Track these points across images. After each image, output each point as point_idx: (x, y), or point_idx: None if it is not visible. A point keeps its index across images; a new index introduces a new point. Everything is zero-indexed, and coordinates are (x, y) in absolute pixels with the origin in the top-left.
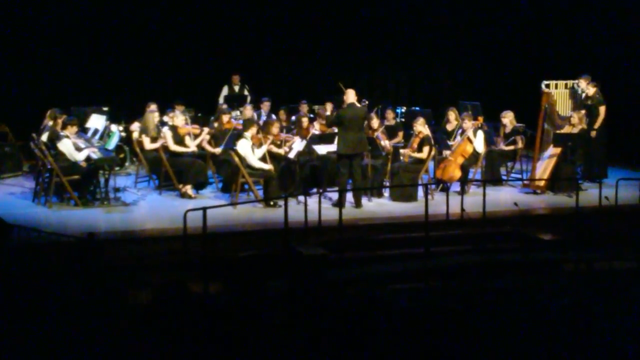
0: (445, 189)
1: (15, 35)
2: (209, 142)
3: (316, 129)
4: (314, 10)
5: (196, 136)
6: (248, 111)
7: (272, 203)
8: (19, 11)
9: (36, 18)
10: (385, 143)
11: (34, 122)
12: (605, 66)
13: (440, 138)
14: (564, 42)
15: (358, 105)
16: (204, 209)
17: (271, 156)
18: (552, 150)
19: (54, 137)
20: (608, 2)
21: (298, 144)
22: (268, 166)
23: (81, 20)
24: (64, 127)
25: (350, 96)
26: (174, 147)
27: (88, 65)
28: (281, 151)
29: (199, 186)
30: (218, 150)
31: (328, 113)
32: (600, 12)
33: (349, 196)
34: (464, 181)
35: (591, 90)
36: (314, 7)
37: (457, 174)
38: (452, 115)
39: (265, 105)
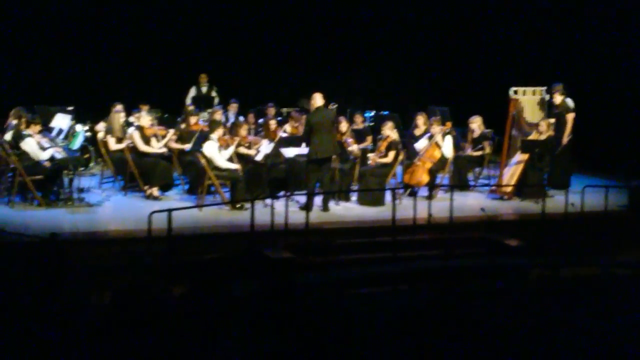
0: (413, 194)
1: None
2: (176, 142)
3: (287, 131)
4: (283, 12)
5: (163, 137)
6: (218, 115)
7: (238, 206)
8: None
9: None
10: (353, 147)
11: None
12: (571, 73)
13: (409, 142)
14: (532, 49)
15: (326, 107)
16: (169, 210)
17: (239, 157)
18: (520, 157)
19: (18, 137)
20: (575, 11)
21: (265, 147)
22: (235, 166)
23: (47, 19)
24: (27, 126)
25: (317, 100)
26: (144, 148)
27: (54, 64)
28: (251, 152)
29: (164, 187)
30: (187, 146)
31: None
32: (569, 20)
33: (317, 199)
34: (432, 186)
35: (558, 98)
36: (284, 9)
37: (425, 178)
38: (420, 119)
39: (233, 107)
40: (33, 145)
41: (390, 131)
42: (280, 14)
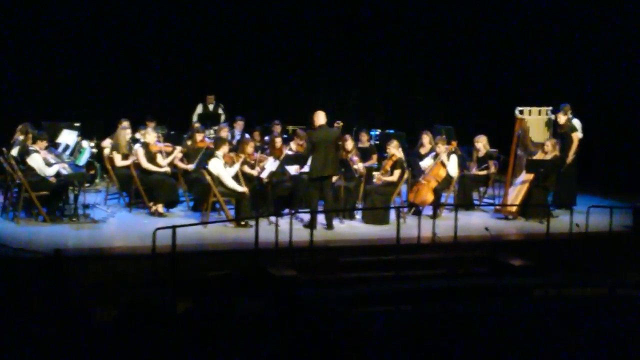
0: (418, 213)
1: None
2: (181, 160)
3: (292, 149)
4: (290, 31)
5: (168, 154)
6: (223, 132)
7: (243, 223)
8: None
9: (7, 32)
10: (359, 165)
11: (5, 136)
12: (577, 93)
13: (414, 161)
14: (539, 68)
15: (328, 127)
16: (174, 227)
17: (244, 176)
18: (525, 177)
19: (24, 152)
20: (584, 31)
21: (271, 164)
22: (242, 188)
23: (54, 35)
24: (34, 141)
25: (320, 118)
26: (147, 165)
27: (61, 80)
28: (254, 172)
29: (169, 204)
30: (191, 166)
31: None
32: (577, 40)
33: (321, 217)
34: (437, 205)
35: (562, 118)
36: (289, 28)
37: (430, 197)
38: (425, 138)
39: (239, 125)
40: (39, 160)
41: (395, 150)
42: (287, 33)
